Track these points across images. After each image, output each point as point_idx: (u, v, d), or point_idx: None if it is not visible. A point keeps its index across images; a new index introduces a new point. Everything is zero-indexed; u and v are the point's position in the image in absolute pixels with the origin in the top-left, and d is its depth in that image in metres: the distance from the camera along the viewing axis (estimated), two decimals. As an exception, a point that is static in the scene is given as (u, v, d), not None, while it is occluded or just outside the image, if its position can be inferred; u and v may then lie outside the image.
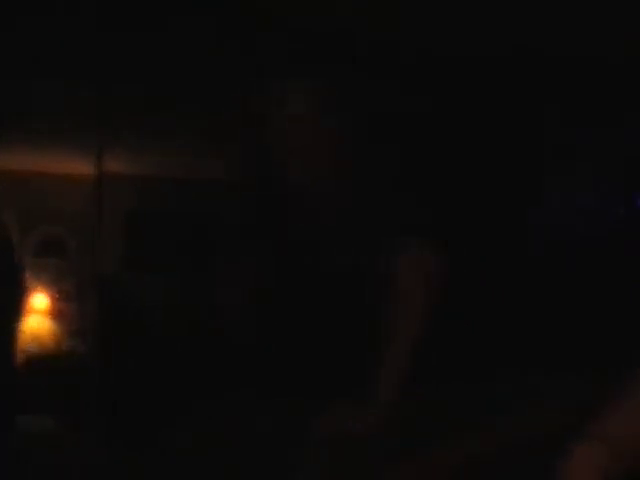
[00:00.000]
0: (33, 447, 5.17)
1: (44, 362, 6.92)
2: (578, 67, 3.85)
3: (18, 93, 4.96)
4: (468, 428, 1.75)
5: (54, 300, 7.33)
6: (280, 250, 2.09)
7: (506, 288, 2.53)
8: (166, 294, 6.52)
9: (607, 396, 1.46)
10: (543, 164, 4.06)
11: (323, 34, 3.48)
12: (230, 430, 2.21)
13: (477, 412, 1.82)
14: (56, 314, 7.34)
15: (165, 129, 5.90)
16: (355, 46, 3.60)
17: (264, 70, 2.07)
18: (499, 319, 2.17)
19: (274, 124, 1.93)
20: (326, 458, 1.83)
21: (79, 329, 7.20)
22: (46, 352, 7.11)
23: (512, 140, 3.94)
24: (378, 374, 1.80)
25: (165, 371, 5.43)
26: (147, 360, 5.60)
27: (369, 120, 2.09)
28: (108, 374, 5.68)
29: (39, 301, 7.25)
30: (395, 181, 1.93)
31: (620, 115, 4.04)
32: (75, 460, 4.72)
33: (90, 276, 6.79)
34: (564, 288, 3.53)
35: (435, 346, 1.83)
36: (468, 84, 3.84)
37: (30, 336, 7.10)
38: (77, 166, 6.89)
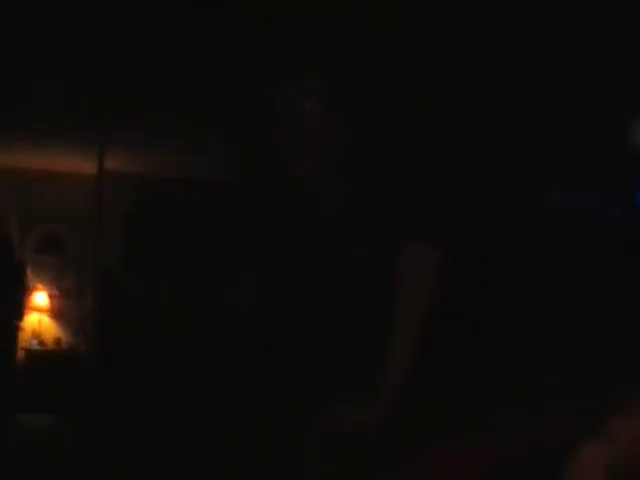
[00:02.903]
0: (33, 447, 5.18)
1: (44, 360, 6.92)
2: (578, 67, 3.85)
3: (18, 93, 4.96)
4: (468, 428, 1.75)
5: (54, 297, 7.33)
6: (280, 250, 2.09)
7: (506, 288, 2.53)
8: (166, 294, 6.53)
9: (607, 396, 1.46)
10: (543, 164, 4.06)
11: (323, 34, 3.48)
12: (230, 430, 2.21)
13: (477, 412, 1.82)
14: (56, 312, 7.34)
15: (165, 129, 5.90)
16: (355, 46, 3.60)
17: (264, 70, 2.07)
18: (499, 319, 2.17)
19: (288, 123, 1.93)
20: (326, 458, 1.83)
21: (79, 327, 7.20)
22: (46, 350, 7.11)
23: (512, 140, 3.94)
24: (379, 374, 1.80)
25: (165, 371, 5.44)
26: (147, 360, 5.61)
27: (370, 120, 2.09)
28: (108, 374, 5.68)
29: (39, 298, 7.25)
30: (396, 181, 1.93)
31: (620, 115, 4.04)
32: (75, 460, 4.72)
33: (90, 274, 6.79)
34: (564, 288, 3.54)
35: (435, 346, 1.83)
36: (468, 84, 3.84)
37: (30, 333, 7.10)
38: (77, 165, 6.90)
